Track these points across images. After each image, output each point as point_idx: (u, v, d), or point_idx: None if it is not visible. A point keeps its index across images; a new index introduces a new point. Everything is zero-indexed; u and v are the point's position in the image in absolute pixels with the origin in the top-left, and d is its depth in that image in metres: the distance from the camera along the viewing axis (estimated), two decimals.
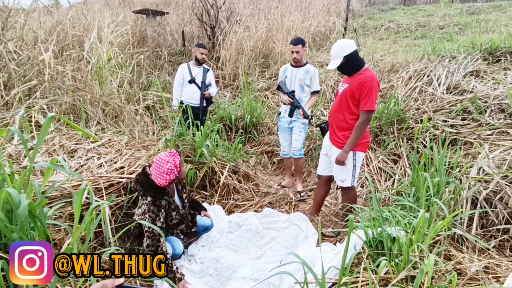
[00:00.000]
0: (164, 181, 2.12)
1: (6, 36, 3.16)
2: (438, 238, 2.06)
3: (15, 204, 1.25)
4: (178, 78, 3.90)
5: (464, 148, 3.04)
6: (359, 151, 2.56)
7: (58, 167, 1.40)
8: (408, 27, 9.17)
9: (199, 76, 3.88)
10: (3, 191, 1.27)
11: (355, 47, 2.45)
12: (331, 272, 1.78)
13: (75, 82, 3.55)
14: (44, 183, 1.53)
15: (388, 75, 4.89)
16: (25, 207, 1.21)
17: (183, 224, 2.31)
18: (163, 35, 8.04)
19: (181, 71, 3.90)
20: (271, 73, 6.43)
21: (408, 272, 1.58)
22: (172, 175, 2.13)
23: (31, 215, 1.27)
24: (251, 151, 4.19)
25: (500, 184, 2.40)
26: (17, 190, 1.30)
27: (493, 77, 3.89)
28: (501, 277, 1.91)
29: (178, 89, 3.90)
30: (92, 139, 2.70)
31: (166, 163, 2.11)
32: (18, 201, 1.22)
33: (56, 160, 1.58)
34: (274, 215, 2.94)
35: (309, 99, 3.34)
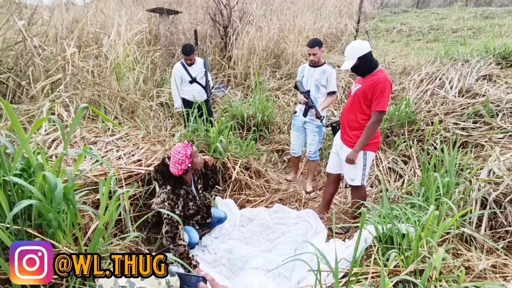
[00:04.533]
0: (177, 171, 2.23)
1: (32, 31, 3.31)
2: (447, 236, 2.11)
3: (51, 187, 1.36)
4: (176, 79, 3.84)
5: (475, 151, 3.07)
6: (370, 150, 2.61)
7: (91, 154, 1.50)
8: (420, 30, 9.14)
9: (200, 74, 3.91)
10: (41, 174, 1.38)
11: (369, 49, 2.51)
12: (342, 263, 1.84)
13: (94, 77, 3.68)
14: (76, 169, 1.64)
15: (400, 78, 4.92)
16: (61, 190, 1.31)
17: (198, 215, 2.41)
18: (176, 33, 8.19)
19: (177, 72, 3.86)
20: (282, 73, 6.51)
21: (417, 266, 1.63)
22: (184, 165, 2.23)
23: (65, 198, 1.37)
24: (262, 148, 4.27)
25: (510, 186, 2.43)
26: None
27: (506, 81, 3.90)
28: (508, 276, 1.95)
29: (176, 90, 3.84)
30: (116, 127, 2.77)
31: (178, 153, 2.23)
32: (54, 184, 1.33)
33: (88, 148, 1.69)
34: (284, 211, 3.02)
35: (325, 99, 3.38)
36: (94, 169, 2.17)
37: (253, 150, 3.70)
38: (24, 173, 1.56)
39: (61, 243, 1.43)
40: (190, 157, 2.26)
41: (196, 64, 3.94)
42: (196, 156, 2.36)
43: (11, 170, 1.41)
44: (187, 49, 3.78)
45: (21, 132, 1.39)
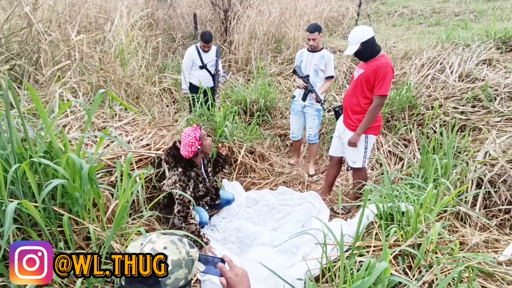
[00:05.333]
0: (187, 153, 2.33)
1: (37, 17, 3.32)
2: (444, 214, 2.24)
3: (76, 168, 1.45)
4: (187, 62, 3.95)
5: (473, 134, 3.17)
6: (371, 134, 2.71)
7: (112, 137, 1.59)
8: (422, 13, 9.07)
9: (211, 62, 3.98)
10: (65, 156, 1.47)
11: (372, 34, 2.56)
12: (346, 239, 1.97)
13: (100, 63, 3.72)
14: (96, 151, 1.74)
15: (401, 62, 4.96)
16: (87, 170, 1.41)
17: (208, 197, 2.52)
18: (175, 17, 8.10)
19: (190, 55, 3.95)
20: (283, 58, 6.51)
21: (415, 239, 1.76)
22: (193, 147, 2.33)
23: (89, 178, 1.47)
24: (265, 133, 4.36)
25: (504, 168, 2.55)
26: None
27: (505, 66, 3.96)
28: (499, 250, 2.10)
29: (187, 72, 3.96)
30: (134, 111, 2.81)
31: (188, 136, 2.32)
32: (80, 165, 1.42)
33: (108, 131, 1.78)
34: (288, 193, 3.14)
35: (323, 84, 3.45)
36: (108, 153, 2.26)
37: (257, 135, 3.80)
38: (46, 155, 1.66)
39: (85, 220, 1.54)
40: (199, 139, 2.35)
41: (211, 51, 4.01)
42: (205, 139, 2.45)
43: (37, 152, 1.50)
44: (206, 37, 3.85)
45: (45, 117, 1.48)
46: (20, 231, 1.55)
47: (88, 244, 1.66)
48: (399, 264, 1.74)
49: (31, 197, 1.58)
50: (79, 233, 1.69)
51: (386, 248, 1.50)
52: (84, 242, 1.67)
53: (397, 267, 1.72)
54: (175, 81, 5.41)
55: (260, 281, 1.91)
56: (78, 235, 1.66)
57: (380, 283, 1.46)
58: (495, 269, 1.75)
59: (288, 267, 2.05)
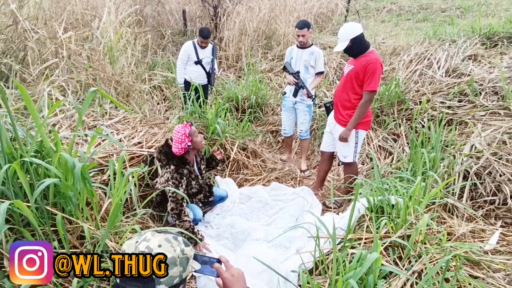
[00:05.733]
0: (178, 150, 2.33)
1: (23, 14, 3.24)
2: (432, 206, 2.31)
3: (69, 167, 1.44)
4: (183, 57, 3.98)
5: (459, 128, 3.26)
6: (361, 129, 2.76)
7: (105, 136, 1.59)
8: (410, 9, 9.19)
9: (207, 58, 4.00)
10: (57, 155, 1.46)
11: (361, 31, 2.60)
12: (338, 232, 2.01)
13: (89, 61, 3.66)
14: (89, 150, 1.72)
15: (390, 58, 5.04)
16: (80, 169, 1.40)
17: (201, 194, 2.53)
18: (164, 14, 8.00)
19: (186, 49, 3.98)
20: (274, 55, 6.52)
21: (405, 231, 1.82)
22: (184, 144, 2.33)
23: (82, 177, 1.46)
24: (257, 130, 4.38)
25: (489, 160, 2.63)
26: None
27: (489, 61, 4.06)
28: (484, 240, 2.17)
29: (182, 67, 4.01)
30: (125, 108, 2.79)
31: (178, 133, 2.33)
32: (72, 164, 1.41)
33: (100, 130, 1.77)
34: (281, 189, 3.18)
35: (313, 80, 3.49)
36: (100, 151, 2.24)
37: (249, 132, 3.81)
38: (37, 155, 1.64)
39: (79, 219, 1.54)
40: (189, 136, 2.35)
41: (207, 48, 4.05)
42: (196, 136, 2.45)
43: (28, 152, 1.49)
44: (205, 32, 3.93)
45: (36, 116, 1.46)
46: (12, 231, 1.54)
47: (82, 243, 1.65)
48: (390, 255, 1.79)
49: (22, 197, 1.57)
50: (72, 232, 1.68)
51: (377, 240, 1.55)
52: (78, 241, 1.67)
53: (388, 258, 1.77)
54: (166, 78, 5.37)
55: (255, 275, 1.94)
56: (72, 234, 1.66)
57: (372, 273, 1.50)
58: (481, 257, 1.82)
59: (282, 261, 2.09)
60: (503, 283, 1.67)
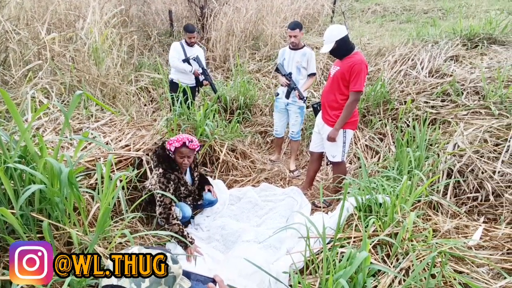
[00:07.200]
0: (168, 146, 2.33)
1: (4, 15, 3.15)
2: (418, 204, 2.37)
3: (55, 172, 1.41)
4: (174, 53, 3.95)
5: (443, 127, 3.35)
6: (349, 129, 2.81)
7: (92, 140, 1.56)
8: (394, 10, 9.39)
9: (194, 56, 3.98)
10: (43, 160, 1.43)
11: (346, 33, 2.65)
12: (327, 231, 2.04)
13: (73, 62, 3.59)
14: (76, 154, 1.69)
15: (375, 59, 5.13)
16: (66, 174, 1.37)
17: (190, 197, 2.52)
18: (150, 14, 7.91)
19: (175, 49, 3.95)
20: (262, 55, 6.54)
21: (392, 229, 1.86)
22: (169, 146, 2.33)
23: (69, 182, 1.44)
24: (246, 131, 4.39)
25: (471, 158, 2.72)
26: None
27: (470, 62, 4.19)
28: (468, 235, 2.24)
29: (178, 61, 3.94)
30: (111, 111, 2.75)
31: (176, 138, 2.32)
32: (58, 169, 1.38)
33: (87, 133, 1.73)
34: (271, 189, 3.19)
35: (305, 81, 3.51)
36: (87, 155, 2.20)
37: (238, 133, 3.81)
38: (22, 160, 1.60)
39: (66, 225, 1.50)
40: (174, 150, 2.32)
41: (195, 47, 4.04)
42: (181, 156, 2.35)
43: (12, 157, 1.45)
44: (190, 27, 3.97)
45: (19, 121, 1.42)
46: None
47: (70, 249, 1.62)
48: (378, 253, 1.83)
49: (7, 204, 1.53)
50: (59, 239, 1.65)
51: (366, 239, 1.58)
52: (66, 247, 1.63)
53: (376, 256, 1.81)
54: (153, 79, 5.31)
55: (246, 277, 1.95)
56: (59, 241, 1.62)
57: (361, 271, 1.53)
58: (465, 253, 1.88)
59: (273, 261, 2.10)
60: (487, 277, 1.73)
